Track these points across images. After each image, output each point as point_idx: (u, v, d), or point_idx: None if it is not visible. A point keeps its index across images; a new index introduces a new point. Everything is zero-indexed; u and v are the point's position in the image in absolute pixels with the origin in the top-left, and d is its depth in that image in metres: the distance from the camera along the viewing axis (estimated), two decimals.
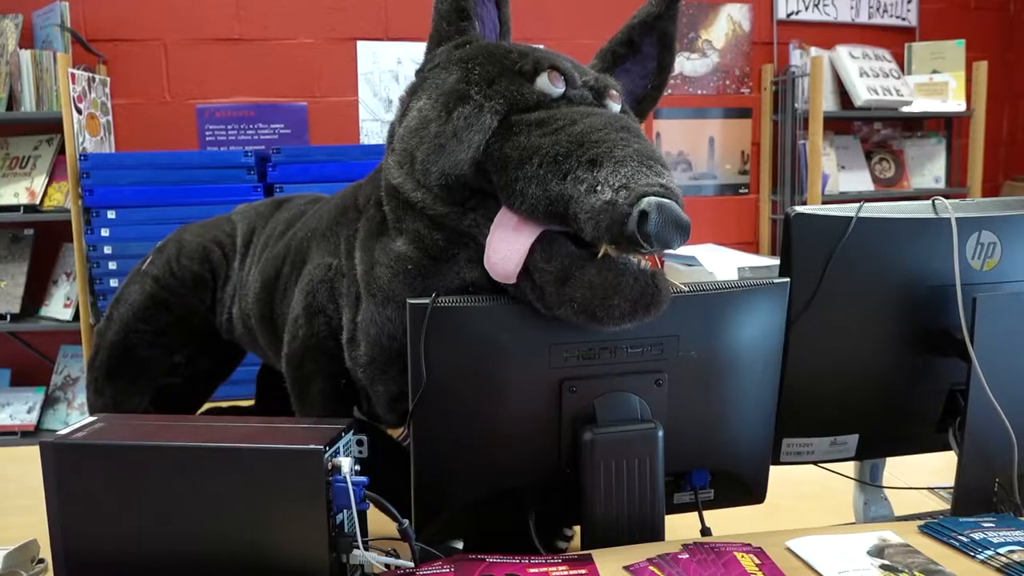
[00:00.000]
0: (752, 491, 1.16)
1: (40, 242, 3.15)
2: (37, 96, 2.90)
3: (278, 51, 3.27)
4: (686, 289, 1.02)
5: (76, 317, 2.98)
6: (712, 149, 3.71)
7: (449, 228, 1.03)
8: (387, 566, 0.97)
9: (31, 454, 1.02)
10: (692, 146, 3.69)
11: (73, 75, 2.83)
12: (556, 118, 0.98)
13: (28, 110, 2.90)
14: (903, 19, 3.80)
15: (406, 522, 0.96)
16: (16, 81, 2.91)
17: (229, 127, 3.25)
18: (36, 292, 3.12)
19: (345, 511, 0.95)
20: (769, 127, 3.70)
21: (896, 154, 3.75)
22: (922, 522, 1.07)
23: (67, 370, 3.15)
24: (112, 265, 2.80)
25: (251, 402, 1.78)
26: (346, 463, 0.92)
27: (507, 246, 0.96)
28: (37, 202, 2.95)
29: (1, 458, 1.70)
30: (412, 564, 0.96)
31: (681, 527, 1.09)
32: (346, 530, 0.96)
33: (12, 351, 3.20)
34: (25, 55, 2.88)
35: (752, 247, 3.73)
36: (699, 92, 3.66)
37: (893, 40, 3.74)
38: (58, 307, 3.08)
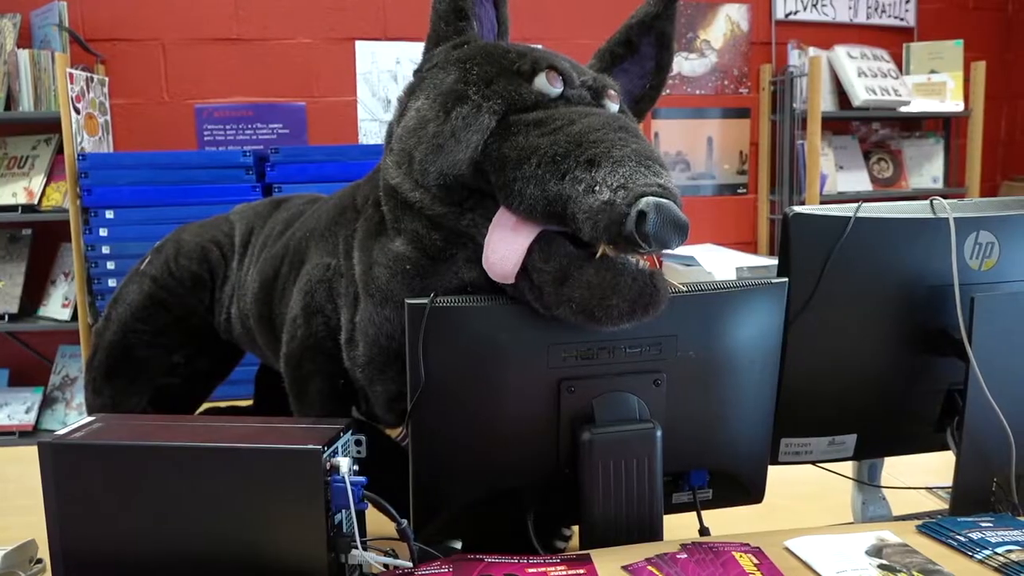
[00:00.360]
0: (750, 491, 1.16)
1: (38, 242, 3.15)
2: (35, 96, 2.89)
3: (276, 51, 3.27)
4: (684, 289, 1.02)
5: (74, 317, 2.98)
6: (710, 149, 3.71)
7: (447, 228, 1.03)
8: (385, 566, 0.97)
9: (29, 454, 1.02)
10: (690, 146, 3.69)
11: (71, 75, 2.83)
12: (554, 118, 0.98)
13: (26, 110, 2.90)
14: (901, 19, 3.80)
15: (404, 522, 0.96)
16: (14, 81, 2.91)
17: (227, 127, 3.25)
18: (34, 292, 3.12)
19: (343, 511, 0.95)
20: (767, 127, 3.70)
21: (894, 154, 3.76)
22: (920, 522, 1.07)
23: (65, 370, 3.14)
24: (110, 265, 2.80)
25: (249, 402, 1.78)
26: (344, 463, 0.92)
27: (505, 246, 0.96)
28: (35, 202, 2.95)
29: None
30: (411, 564, 0.96)
31: (679, 527, 1.09)
32: (344, 530, 0.96)
33: (10, 351, 3.20)
34: (23, 55, 2.88)
35: (750, 247, 3.73)
36: (697, 92, 3.66)
37: (891, 40, 3.75)
38: (56, 307, 3.08)
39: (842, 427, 1.21)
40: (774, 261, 1.16)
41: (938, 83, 3.63)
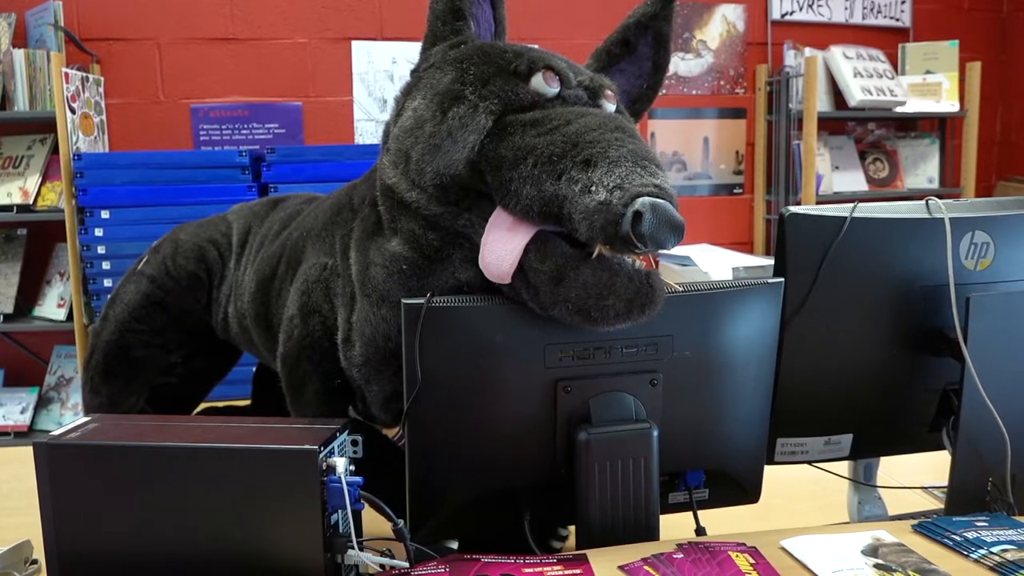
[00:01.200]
0: (746, 491, 1.16)
1: (33, 242, 3.14)
2: (30, 95, 2.89)
3: (272, 50, 3.26)
4: (680, 289, 1.02)
5: (70, 317, 2.97)
6: (707, 149, 3.72)
7: (444, 228, 1.03)
8: (382, 566, 0.97)
9: (25, 455, 1.02)
10: (687, 146, 3.70)
11: (67, 74, 2.82)
12: (551, 118, 0.98)
13: (21, 109, 2.89)
14: (897, 20, 3.81)
15: (401, 522, 0.96)
16: (9, 80, 2.90)
17: (223, 127, 3.25)
18: (29, 292, 3.11)
19: (340, 511, 0.95)
20: (763, 127, 3.70)
21: (890, 154, 3.76)
22: (916, 521, 1.07)
23: (61, 370, 3.14)
24: (106, 265, 2.80)
25: (247, 402, 1.77)
26: (341, 463, 0.92)
27: (502, 246, 0.96)
28: (31, 202, 2.94)
29: None
30: (407, 564, 0.96)
31: (676, 527, 1.09)
32: (341, 530, 0.95)
33: (5, 351, 3.19)
34: (18, 54, 2.87)
35: (746, 247, 3.74)
36: (694, 92, 3.66)
37: (887, 41, 3.75)
38: (52, 307, 3.07)
39: (838, 427, 1.21)
40: (770, 261, 1.16)
41: (933, 83, 3.64)
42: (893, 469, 1.40)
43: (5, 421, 3.01)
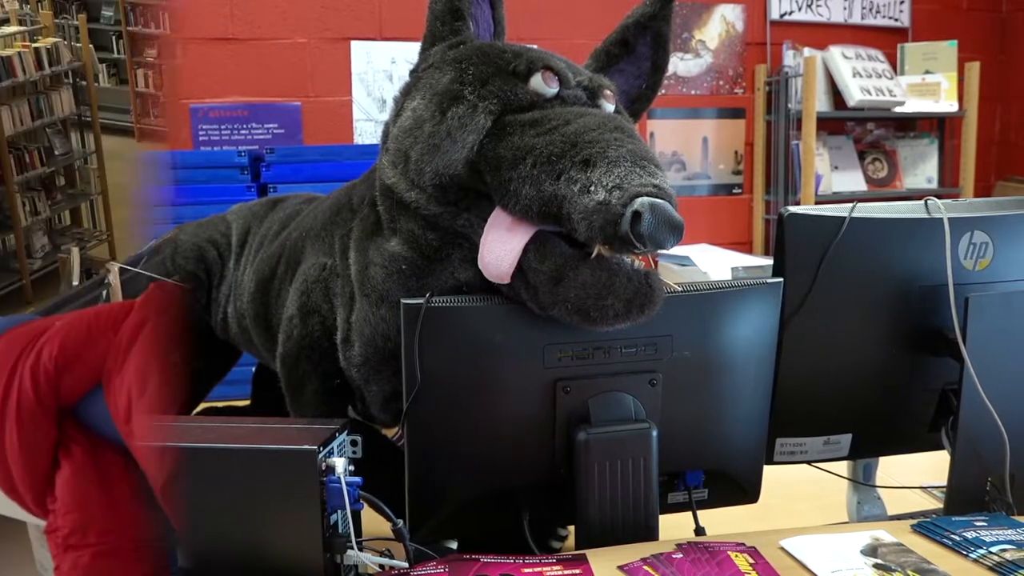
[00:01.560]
0: (746, 491, 1.16)
1: None
2: None
3: (272, 51, 3.26)
4: (680, 289, 1.02)
5: None
6: (706, 149, 3.72)
7: (443, 228, 1.03)
8: (381, 566, 0.97)
9: None
10: (686, 146, 3.70)
11: None
12: (550, 118, 0.98)
13: None
14: (896, 20, 3.81)
15: (400, 522, 0.96)
16: None
17: (223, 127, 3.24)
18: None
19: (339, 511, 0.95)
20: (762, 127, 3.70)
21: (889, 154, 3.76)
22: (915, 521, 1.07)
23: None
24: None
25: (247, 402, 1.77)
26: (340, 463, 0.92)
27: (501, 246, 0.96)
28: None
29: None
30: (406, 564, 0.96)
31: (675, 527, 1.09)
32: (340, 530, 0.95)
33: None
34: None
35: (746, 247, 3.73)
36: (693, 92, 3.66)
37: (886, 41, 3.75)
38: None
39: (837, 427, 1.21)
40: (769, 261, 1.16)
41: (932, 83, 3.64)
42: (892, 469, 1.40)
43: None
